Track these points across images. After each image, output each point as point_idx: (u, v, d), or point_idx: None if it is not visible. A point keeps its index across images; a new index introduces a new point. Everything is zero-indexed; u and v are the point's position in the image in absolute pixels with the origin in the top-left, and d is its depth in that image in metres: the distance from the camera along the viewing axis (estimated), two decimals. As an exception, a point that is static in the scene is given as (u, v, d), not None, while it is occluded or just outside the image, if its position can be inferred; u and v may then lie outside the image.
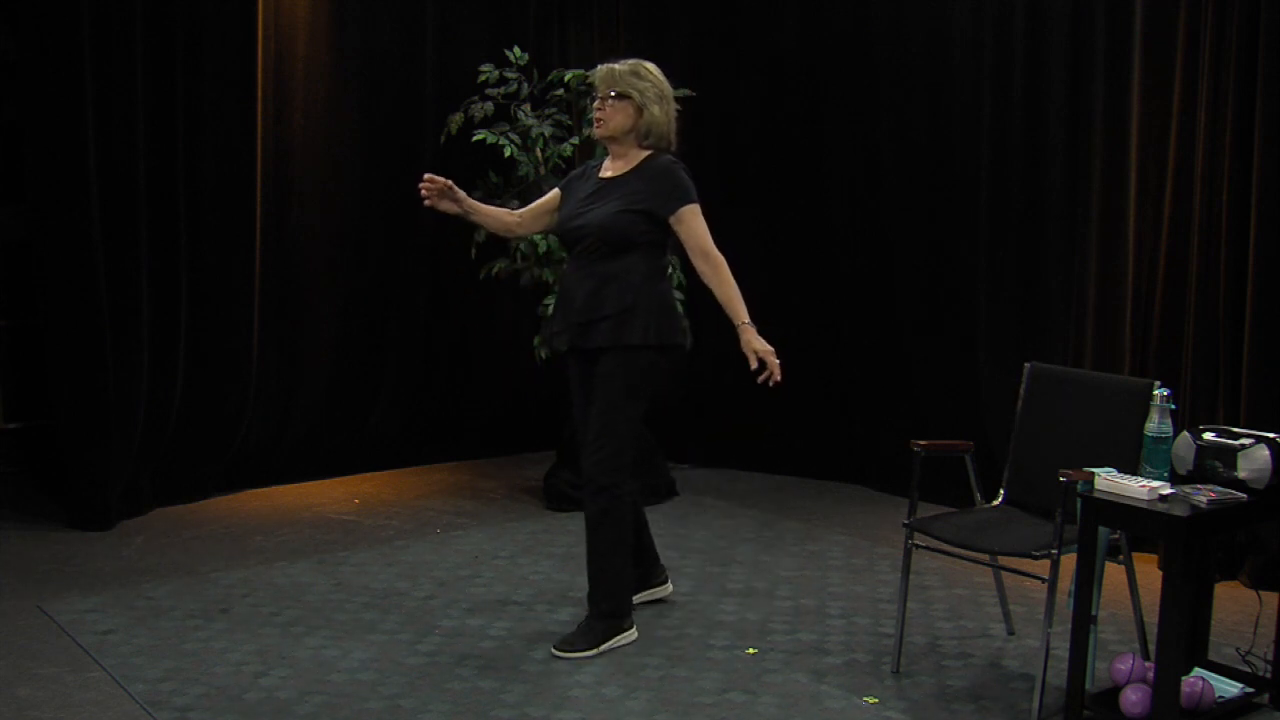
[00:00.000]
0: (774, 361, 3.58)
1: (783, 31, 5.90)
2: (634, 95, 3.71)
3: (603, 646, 3.71)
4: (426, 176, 3.72)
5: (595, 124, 3.78)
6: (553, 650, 3.69)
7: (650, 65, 3.80)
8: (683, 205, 3.67)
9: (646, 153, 3.76)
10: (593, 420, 3.70)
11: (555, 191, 3.94)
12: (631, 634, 3.81)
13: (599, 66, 3.83)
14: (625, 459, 3.70)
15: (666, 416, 5.63)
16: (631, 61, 3.78)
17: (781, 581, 4.41)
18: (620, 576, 3.77)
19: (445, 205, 3.76)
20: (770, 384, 3.58)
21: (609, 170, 3.80)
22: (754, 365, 3.58)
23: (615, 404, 3.66)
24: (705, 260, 3.67)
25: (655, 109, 3.73)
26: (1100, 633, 3.66)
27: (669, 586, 4.18)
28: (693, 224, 3.68)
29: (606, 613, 3.75)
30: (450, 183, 3.74)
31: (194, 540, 4.81)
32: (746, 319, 3.62)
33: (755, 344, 3.59)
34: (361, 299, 5.93)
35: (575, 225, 3.77)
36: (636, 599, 4.06)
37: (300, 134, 5.63)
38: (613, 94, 3.72)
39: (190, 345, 5.24)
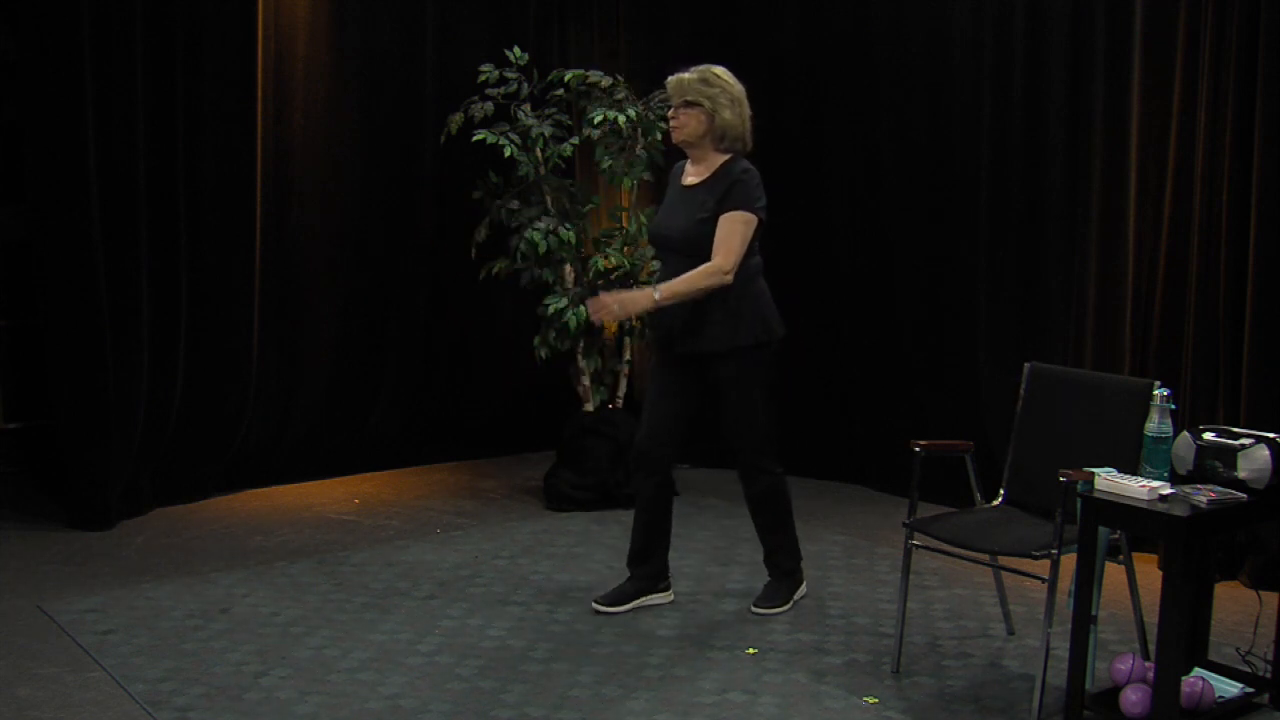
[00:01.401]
0: (609, 307, 3.77)
1: (783, 31, 5.90)
2: (704, 102, 3.83)
3: (792, 600, 4.12)
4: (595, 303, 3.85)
5: (671, 131, 3.93)
6: (752, 608, 4.05)
7: (719, 70, 3.90)
8: (733, 209, 3.78)
9: (725, 157, 3.88)
10: (732, 420, 3.97)
11: None
12: (804, 586, 4.19)
13: (669, 77, 3.93)
14: (770, 444, 4.03)
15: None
16: (701, 68, 3.89)
17: (781, 581, 4.41)
18: (792, 540, 4.15)
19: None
20: (595, 317, 3.86)
21: (690, 176, 3.94)
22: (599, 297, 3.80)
23: (748, 402, 3.94)
24: (712, 261, 3.76)
25: (727, 113, 3.85)
26: (1100, 633, 3.66)
27: (670, 596, 4.18)
28: (727, 225, 3.78)
29: (788, 571, 4.14)
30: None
31: (194, 540, 4.81)
32: (659, 296, 3.74)
33: (627, 294, 3.83)
34: (361, 299, 5.92)
35: (662, 234, 3.96)
36: (635, 604, 4.09)
37: (300, 134, 5.63)
38: (684, 101, 3.84)
39: (190, 345, 5.24)
